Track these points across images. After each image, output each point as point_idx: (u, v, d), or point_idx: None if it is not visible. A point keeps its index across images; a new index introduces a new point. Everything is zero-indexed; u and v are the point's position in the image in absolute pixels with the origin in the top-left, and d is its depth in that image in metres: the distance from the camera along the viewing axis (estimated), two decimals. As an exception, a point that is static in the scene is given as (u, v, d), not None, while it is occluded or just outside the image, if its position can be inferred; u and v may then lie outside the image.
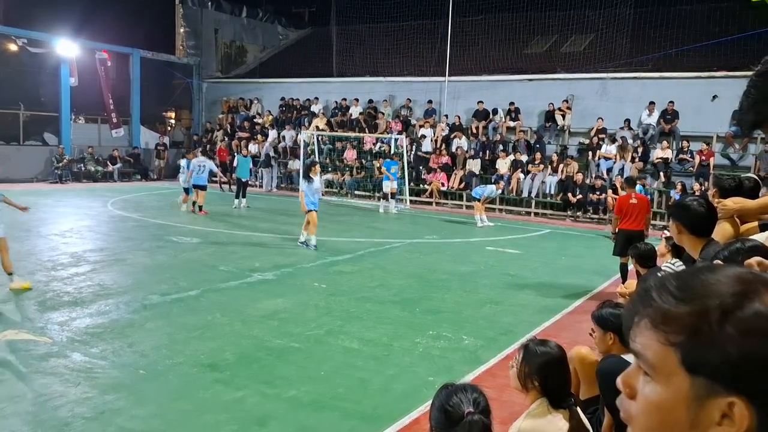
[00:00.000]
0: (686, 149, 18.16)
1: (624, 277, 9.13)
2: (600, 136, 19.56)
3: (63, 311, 7.14)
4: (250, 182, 19.62)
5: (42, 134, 24.54)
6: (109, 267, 9.56)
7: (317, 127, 23.63)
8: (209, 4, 30.05)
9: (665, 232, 6.31)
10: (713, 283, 0.78)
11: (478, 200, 16.19)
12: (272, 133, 25.44)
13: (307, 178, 11.77)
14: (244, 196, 18.01)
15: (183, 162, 17.66)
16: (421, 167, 21.78)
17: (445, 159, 21.38)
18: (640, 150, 18.82)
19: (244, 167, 18.38)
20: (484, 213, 16.43)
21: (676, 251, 5.44)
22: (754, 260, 2.12)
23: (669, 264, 5.37)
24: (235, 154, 20.86)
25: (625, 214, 9.40)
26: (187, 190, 16.78)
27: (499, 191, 17.32)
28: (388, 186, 18.56)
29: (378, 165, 20.85)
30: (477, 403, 2.25)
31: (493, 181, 17.60)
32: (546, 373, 2.74)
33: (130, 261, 10.04)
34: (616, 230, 9.51)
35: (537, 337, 2.98)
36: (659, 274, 0.87)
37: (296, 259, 10.76)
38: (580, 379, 4.03)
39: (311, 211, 11.53)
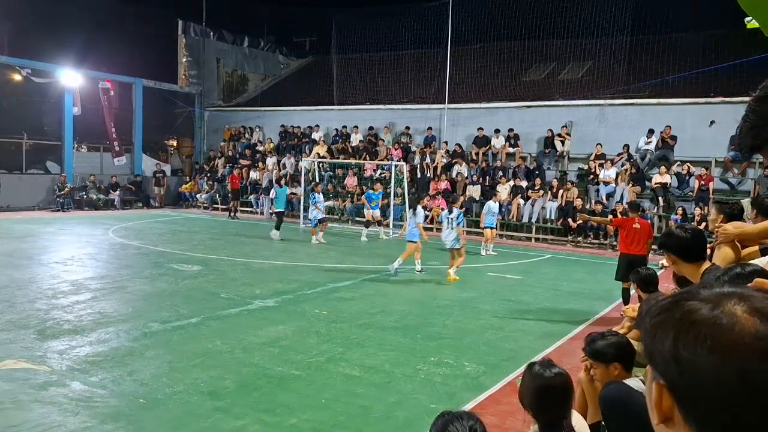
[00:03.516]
0: (684, 173, 18.20)
1: (626, 302, 9.09)
2: (599, 161, 19.65)
3: (63, 339, 7.11)
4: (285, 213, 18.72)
5: (44, 162, 24.70)
6: (110, 295, 9.54)
7: (318, 154, 23.77)
8: (211, 34, 30.48)
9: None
10: (698, 290, 0.82)
11: (492, 227, 16.06)
12: (271, 160, 25.55)
13: (415, 209, 12.70)
14: (278, 228, 17.19)
15: (314, 196, 17.40)
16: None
17: (445, 185, 21.44)
18: (632, 174, 18.86)
19: (281, 198, 17.94)
20: (492, 242, 16.25)
21: (678, 283, 5.37)
22: (758, 281, 2.12)
23: None
24: (273, 185, 20.16)
25: (626, 238, 9.41)
26: (315, 222, 16.89)
27: (497, 202, 17.20)
28: (369, 213, 18.62)
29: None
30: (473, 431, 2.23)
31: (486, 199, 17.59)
32: (537, 398, 2.72)
33: (131, 289, 10.02)
34: (596, 222, 9.41)
35: (546, 358, 2.95)
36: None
37: (297, 285, 10.74)
38: (587, 402, 4.00)
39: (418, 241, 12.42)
